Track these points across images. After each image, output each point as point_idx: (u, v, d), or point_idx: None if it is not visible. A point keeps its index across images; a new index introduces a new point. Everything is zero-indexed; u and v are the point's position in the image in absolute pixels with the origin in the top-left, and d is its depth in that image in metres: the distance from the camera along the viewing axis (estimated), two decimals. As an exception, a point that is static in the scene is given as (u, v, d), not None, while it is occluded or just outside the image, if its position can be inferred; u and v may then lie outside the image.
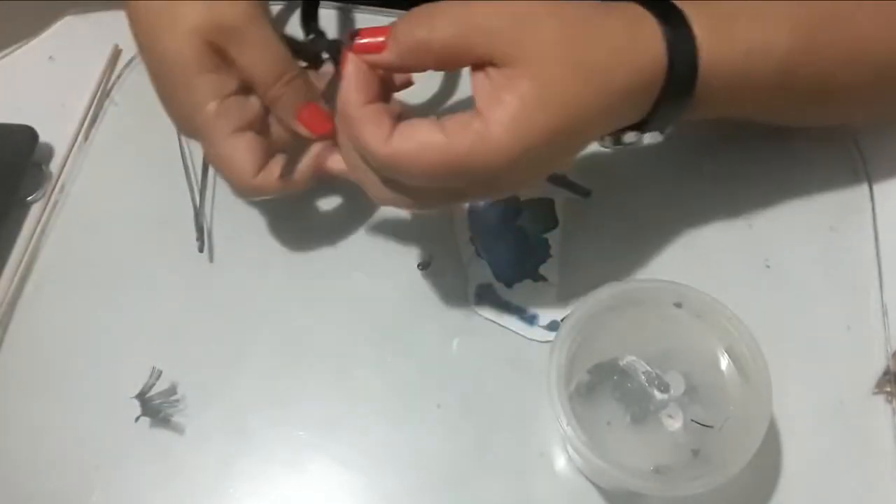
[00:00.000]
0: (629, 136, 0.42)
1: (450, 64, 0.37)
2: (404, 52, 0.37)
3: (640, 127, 0.41)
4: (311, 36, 0.49)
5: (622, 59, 0.37)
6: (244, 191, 0.44)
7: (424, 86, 0.52)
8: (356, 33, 0.37)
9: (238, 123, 0.43)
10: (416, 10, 0.37)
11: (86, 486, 0.44)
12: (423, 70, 0.38)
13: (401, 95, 0.42)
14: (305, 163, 0.44)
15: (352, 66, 0.37)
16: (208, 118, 0.42)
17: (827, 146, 0.52)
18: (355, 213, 0.51)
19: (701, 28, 0.39)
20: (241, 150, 0.42)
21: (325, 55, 0.48)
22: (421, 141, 0.36)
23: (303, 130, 0.43)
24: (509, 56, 0.35)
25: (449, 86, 0.54)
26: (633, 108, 0.39)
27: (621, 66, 0.37)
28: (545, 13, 0.36)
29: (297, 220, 0.51)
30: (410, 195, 0.39)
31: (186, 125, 0.45)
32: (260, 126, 0.44)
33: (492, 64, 0.36)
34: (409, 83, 0.42)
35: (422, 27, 0.36)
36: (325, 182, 0.46)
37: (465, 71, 0.38)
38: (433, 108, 0.54)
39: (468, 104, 0.37)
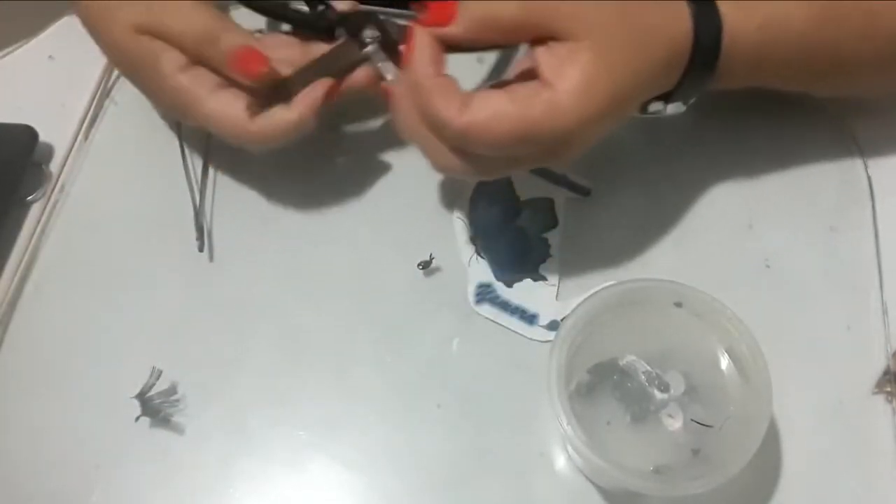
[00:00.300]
0: (654, 106, 0.43)
1: (512, 39, 0.40)
2: (472, 27, 0.38)
3: (666, 98, 0.43)
4: (321, 8, 0.48)
5: (661, 32, 0.40)
6: (246, 138, 0.44)
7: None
8: (424, 5, 0.39)
9: (212, 83, 0.44)
10: None
11: (86, 486, 0.44)
12: (484, 46, 0.40)
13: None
14: (306, 93, 0.44)
15: (422, 37, 0.39)
16: (181, 88, 0.44)
17: (827, 146, 0.52)
18: (355, 212, 0.51)
19: (725, 4, 0.41)
20: (226, 101, 0.44)
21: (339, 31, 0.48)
22: (494, 111, 0.37)
23: (238, 75, 0.44)
24: (570, 30, 0.38)
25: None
26: (667, 78, 0.41)
27: (661, 38, 0.39)
28: None
29: (297, 219, 0.51)
30: (475, 164, 0.40)
31: (171, 105, 0.46)
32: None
33: (553, 38, 0.38)
34: None
35: (490, 5, 0.38)
36: (329, 123, 0.46)
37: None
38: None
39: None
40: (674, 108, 0.44)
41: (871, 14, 0.44)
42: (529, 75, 0.39)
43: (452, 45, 0.40)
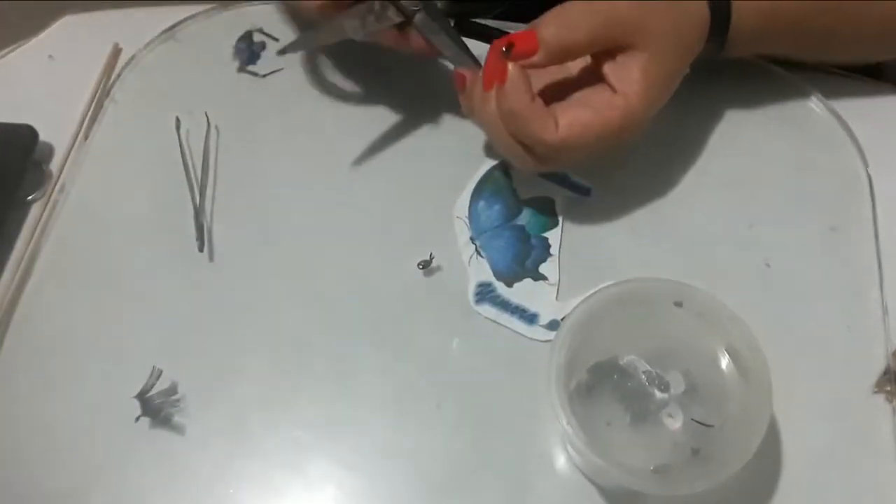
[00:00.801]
0: None
1: (585, 54, 0.45)
2: (553, 53, 0.43)
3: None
4: None
5: (694, 28, 0.45)
6: None
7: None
8: (510, 44, 0.43)
9: None
10: (553, 13, 0.43)
11: (86, 486, 0.44)
12: (561, 63, 0.45)
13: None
14: None
15: (515, 71, 0.43)
16: None
17: (828, 147, 0.52)
18: (355, 212, 0.51)
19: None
20: None
21: None
22: (582, 126, 0.43)
23: None
24: (635, 40, 0.43)
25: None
26: (693, 58, 0.47)
27: (694, 33, 0.45)
28: (660, 3, 0.44)
29: (297, 219, 0.51)
30: (558, 162, 0.47)
31: None
32: None
33: (614, 51, 0.44)
34: None
35: (566, 29, 0.43)
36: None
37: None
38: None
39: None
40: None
41: None
42: (588, 80, 0.45)
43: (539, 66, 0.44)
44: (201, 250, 0.50)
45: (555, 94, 0.46)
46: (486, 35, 0.51)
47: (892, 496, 0.43)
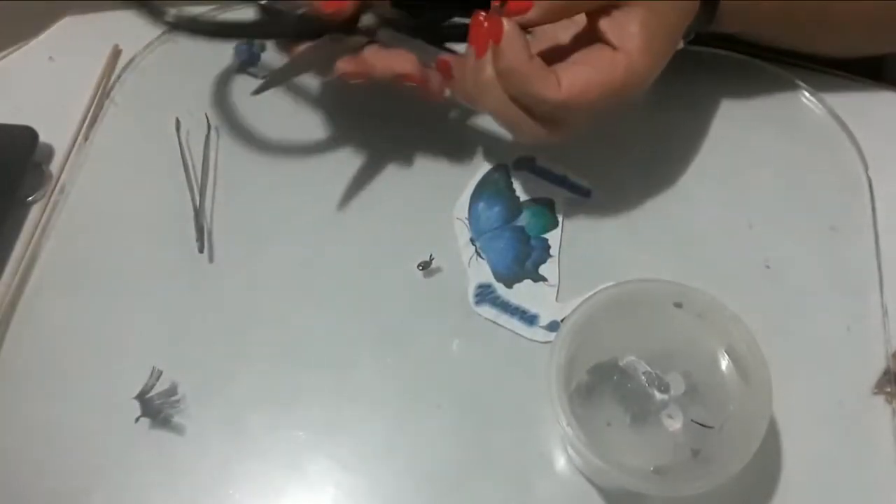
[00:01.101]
0: None
1: (581, 11, 0.43)
2: (550, 8, 0.42)
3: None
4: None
5: None
6: None
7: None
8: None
9: None
10: None
11: (86, 486, 0.44)
12: (555, 21, 0.43)
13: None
14: None
15: (510, 27, 0.42)
16: None
17: (828, 146, 0.52)
18: (355, 213, 0.51)
19: None
20: None
21: None
22: (585, 82, 0.42)
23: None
24: None
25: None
26: (689, 20, 0.46)
27: None
28: None
29: (297, 219, 0.51)
30: (563, 125, 0.45)
31: None
32: None
33: (611, 6, 0.43)
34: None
35: None
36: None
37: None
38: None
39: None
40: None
41: None
42: (587, 40, 0.44)
43: (534, 24, 0.43)
44: (201, 251, 0.50)
45: (554, 57, 0.44)
46: (450, 35, 0.49)
47: (892, 496, 0.43)
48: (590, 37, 0.44)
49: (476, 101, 0.45)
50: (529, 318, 0.48)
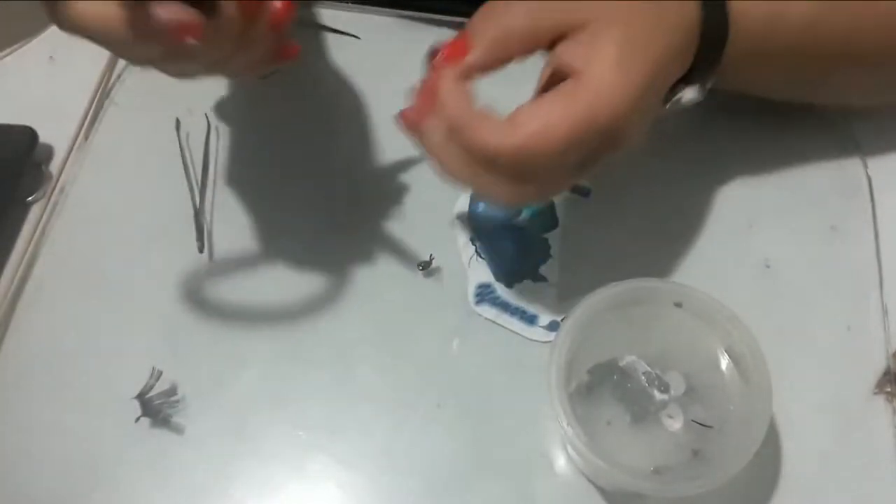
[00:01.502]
0: (677, 94, 0.42)
1: (530, 45, 0.38)
2: (488, 47, 0.37)
3: (685, 80, 0.42)
4: None
5: (670, 10, 0.39)
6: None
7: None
8: (436, 50, 0.38)
9: None
10: (484, 7, 0.38)
11: (86, 486, 0.44)
12: (506, 62, 0.38)
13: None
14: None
15: (446, 76, 0.37)
16: None
17: (828, 147, 0.52)
18: (356, 212, 0.51)
19: None
20: None
21: None
22: (543, 119, 0.36)
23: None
24: (584, 16, 0.37)
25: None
26: (682, 60, 0.41)
27: (672, 15, 0.39)
28: None
29: (298, 220, 0.51)
30: (538, 184, 0.39)
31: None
32: None
33: (570, 32, 0.37)
34: None
35: (498, 17, 0.38)
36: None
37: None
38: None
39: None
40: (692, 94, 0.43)
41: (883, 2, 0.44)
42: (558, 78, 0.37)
43: (478, 72, 0.38)
44: (201, 251, 0.50)
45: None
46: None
47: (892, 496, 0.43)
48: (561, 78, 0.38)
49: (441, 170, 0.40)
50: (529, 318, 0.48)
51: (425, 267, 0.49)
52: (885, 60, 0.46)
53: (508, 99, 0.38)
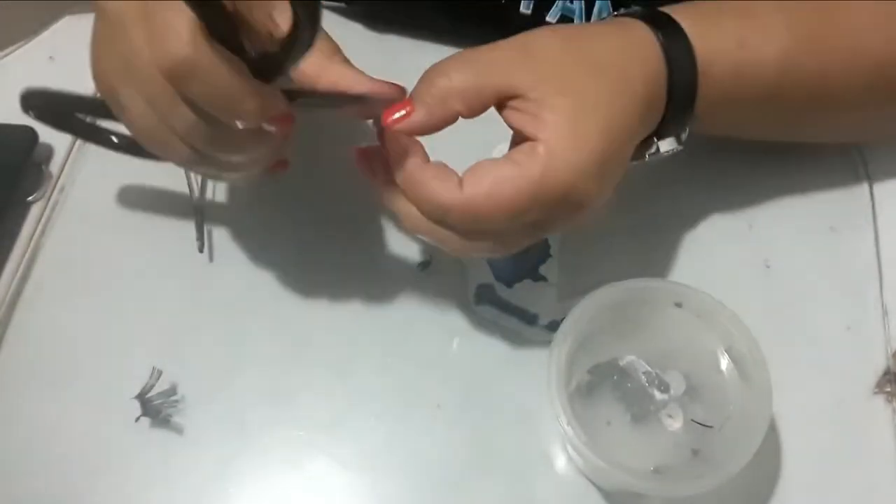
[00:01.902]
0: (651, 148, 0.42)
1: (475, 105, 0.38)
2: (431, 107, 0.38)
3: (658, 134, 0.42)
4: None
5: (626, 55, 0.39)
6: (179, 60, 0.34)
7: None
8: (379, 116, 0.38)
9: None
10: (428, 70, 0.39)
11: (86, 486, 0.44)
12: (451, 120, 0.39)
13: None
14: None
15: (393, 138, 0.38)
16: None
17: (827, 147, 0.52)
18: (356, 213, 0.51)
19: (687, 21, 0.41)
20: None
21: None
22: (493, 178, 0.36)
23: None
24: (528, 80, 0.37)
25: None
26: (650, 114, 0.40)
27: (628, 60, 0.39)
28: (543, 34, 0.39)
29: (297, 220, 0.51)
30: (494, 240, 0.39)
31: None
32: None
33: (515, 95, 0.37)
34: None
35: (440, 78, 0.38)
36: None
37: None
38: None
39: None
40: (668, 146, 0.43)
41: (856, 34, 0.43)
42: (521, 137, 0.38)
43: (424, 130, 0.39)
44: (201, 250, 0.50)
45: None
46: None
47: (892, 496, 0.43)
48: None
49: (400, 222, 0.40)
50: (529, 318, 0.48)
51: (425, 267, 0.49)
52: (858, 101, 0.45)
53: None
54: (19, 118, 0.54)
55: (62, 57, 0.58)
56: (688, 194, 0.51)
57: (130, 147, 0.47)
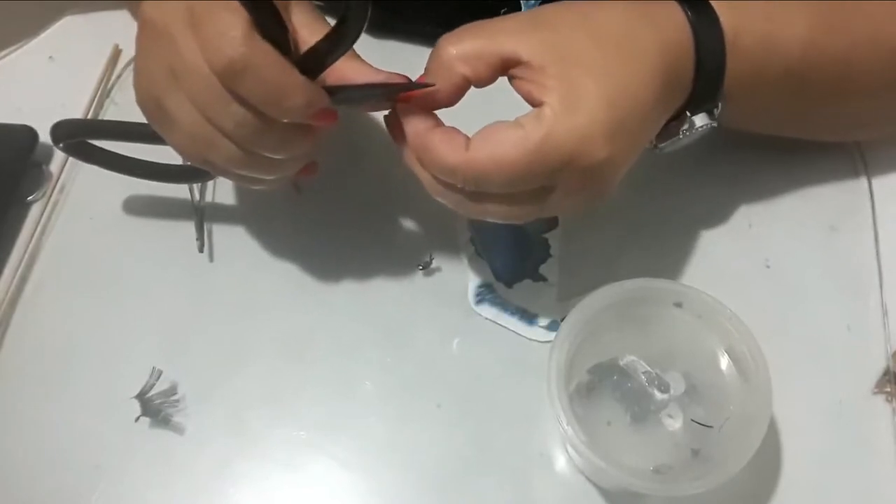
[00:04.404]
0: (685, 124, 0.42)
1: (481, 70, 0.39)
2: (440, 73, 0.38)
3: (690, 110, 0.42)
4: None
5: (641, 26, 0.39)
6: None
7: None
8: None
9: None
10: (439, 39, 0.39)
11: (86, 486, 0.44)
12: (463, 87, 0.39)
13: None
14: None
15: (404, 107, 0.39)
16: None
17: (827, 146, 0.52)
18: (356, 212, 0.51)
19: (721, 4, 0.41)
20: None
21: None
22: (497, 139, 0.37)
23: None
24: (532, 48, 0.38)
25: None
26: (673, 77, 0.40)
27: (642, 30, 0.39)
28: (557, 7, 0.40)
29: (297, 220, 0.51)
30: (503, 205, 0.39)
31: None
32: None
33: (521, 62, 0.38)
34: None
35: (448, 46, 0.38)
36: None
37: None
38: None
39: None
40: (701, 121, 0.43)
41: (875, 22, 0.44)
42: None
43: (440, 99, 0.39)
44: (201, 250, 0.50)
45: None
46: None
47: (892, 496, 0.43)
48: None
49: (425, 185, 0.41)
50: (529, 318, 0.48)
51: (425, 267, 0.49)
52: (878, 89, 0.46)
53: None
54: (19, 118, 0.54)
55: (62, 57, 0.58)
56: (688, 194, 0.51)
57: (157, 172, 0.50)
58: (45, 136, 0.54)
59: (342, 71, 0.39)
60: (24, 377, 0.47)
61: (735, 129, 0.47)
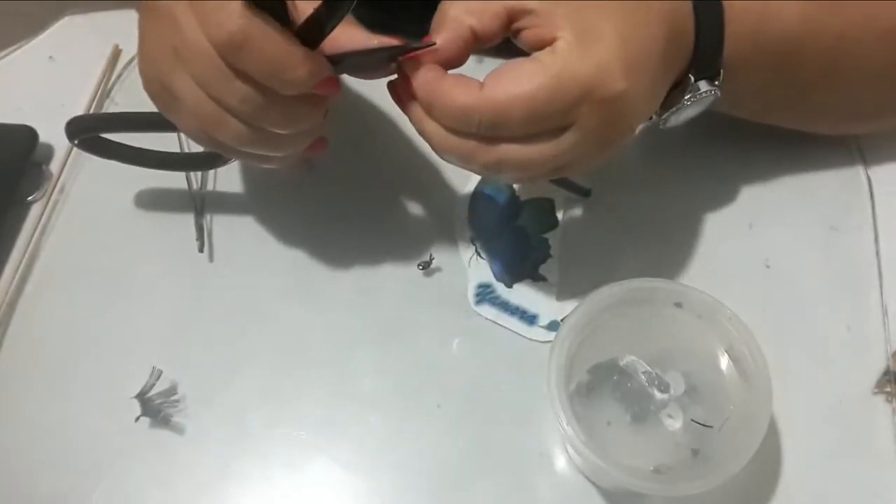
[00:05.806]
0: (687, 92, 0.42)
1: (486, 21, 0.38)
2: (445, 26, 0.38)
3: (692, 73, 0.42)
4: None
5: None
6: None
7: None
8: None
9: None
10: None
11: (86, 486, 0.44)
12: (470, 41, 0.38)
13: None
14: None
15: (412, 62, 0.38)
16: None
17: (827, 146, 0.52)
18: (356, 212, 0.51)
19: None
20: None
21: None
22: (515, 74, 0.36)
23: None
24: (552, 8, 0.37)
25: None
26: (675, 31, 0.40)
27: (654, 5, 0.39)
28: None
29: (298, 220, 0.51)
30: (521, 152, 0.38)
31: None
32: None
33: (526, 11, 0.38)
34: None
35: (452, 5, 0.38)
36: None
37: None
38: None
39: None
40: (706, 86, 0.42)
41: (871, 2, 0.44)
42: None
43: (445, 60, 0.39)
44: (201, 250, 0.50)
45: None
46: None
47: (892, 496, 0.43)
48: None
49: (432, 145, 0.40)
50: (529, 318, 0.48)
51: (425, 267, 0.49)
52: (872, 72, 0.46)
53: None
54: (19, 118, 0.54)
55: (62, 57, 0.58)
56: (688, 194, 0.51)
57: (171, 161, 0.50)
58: (45, 136, 0.54)
59: (336, 39, 0.38)
60: (24, 377, 0.47)
61: (733, 116, 0.47)
